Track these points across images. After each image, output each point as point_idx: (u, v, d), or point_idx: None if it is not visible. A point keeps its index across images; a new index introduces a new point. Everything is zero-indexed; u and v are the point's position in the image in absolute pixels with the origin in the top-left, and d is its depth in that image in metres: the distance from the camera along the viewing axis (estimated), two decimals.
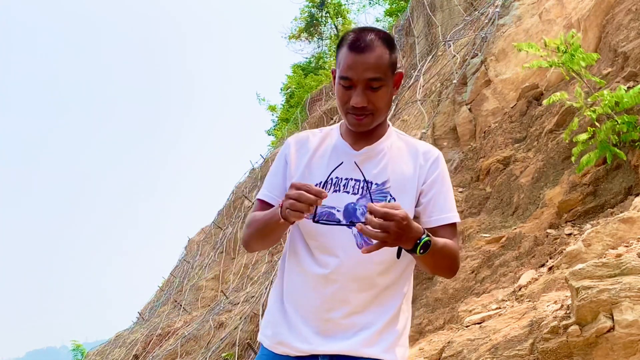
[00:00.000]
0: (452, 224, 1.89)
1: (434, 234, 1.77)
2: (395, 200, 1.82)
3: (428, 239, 1.66)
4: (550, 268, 4.18)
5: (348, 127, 1.90)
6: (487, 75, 7.87)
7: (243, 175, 19.61)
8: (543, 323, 3.39)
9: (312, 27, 27.12)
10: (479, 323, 4.08)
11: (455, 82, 8.16)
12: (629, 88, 4.71)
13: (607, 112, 4.44)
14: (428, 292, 5.30)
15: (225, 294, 12.04)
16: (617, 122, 4.43)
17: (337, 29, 27.10)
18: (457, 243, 1.88)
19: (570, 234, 4.46)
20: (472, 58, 8.47)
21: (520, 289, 4.21)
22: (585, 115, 4.71)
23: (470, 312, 4.37)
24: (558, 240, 4.48)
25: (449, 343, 3.99)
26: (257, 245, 1.93)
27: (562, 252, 4.22)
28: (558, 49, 4.78)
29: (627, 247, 3.63)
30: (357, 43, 1.79)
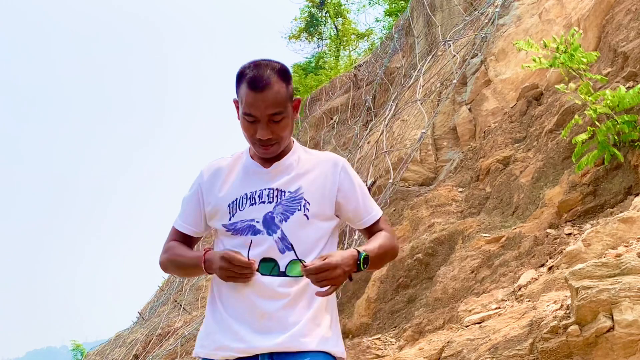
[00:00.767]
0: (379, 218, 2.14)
1: (370, 231, 2.10)
2: (310, 204, 1.99)
3: (365, 254, 1.93)
4: (550, 268, 4.18)
5: (257, 154, 2.06)
6: (487, 75, 7.86)
7: None
8: (543, 323, 3.39)
9: (312, 27, 27.11)
10: (479, 323, 4.08)
11: (455, 82, 8.16)
12: (629, 88, 4.71)
13: (607, 111, 4.44)
14: (428, 292, 5.30)
15: None
16: (617, 121, 4.43)
17: (337, 29, 27.10)
18: (388, 227, 2.14)
19: (570, 234, 4.46)
20: (472, 58, 8.47)
21: (520, 289, 4.21)
22: (585, 114, 4.71)
23: (470, 312, 4.37)
24: (558, 240, 4.48)
25: (449, 343, 3.99)
26: (175, 274, 2.22)
27: (562, 252, 4.22)
28: (557, 49, 4.78)
29: (626, 247, 3.63)
30: (255, 83, 1.93)
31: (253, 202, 2.00)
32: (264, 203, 1.99)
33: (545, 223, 4.85)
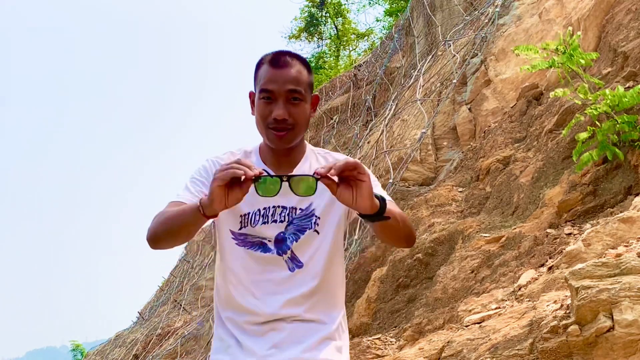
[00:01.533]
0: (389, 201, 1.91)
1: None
2: (320, 219, 1.93)
3: (380, 196, 1.74)
4: (550, 268, 4.18)
5: (268, 144, 1.93)
6: (487, 75, 7.86)
7: None
8: (543, 323, 3.39)
9: (312, 27, 27.12)
10: (479, 323, 4.08)
11: (455, 82, 8.16)
12: (629, 88, 4.71)
13: (607, 111, 4.44)
14: (428, 292, 5.30)
15: None
16: (617, 121, 4.43)
17: (337, 29, 27.11)
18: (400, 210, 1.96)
19: (570, 234, 4.46)
20: (472, 58, 8.47)
21: (520, 289, 4.21)
22: (586, 114, 4.71)
23: (470, 311, 4.37)
24: (558, 240, 4.48)
25: (449, 343, 3.99)
26: (165, 241, 1.86)
27: (561, 251, 4.22)
28: (557, 50, 4.78)
29: (626, 246, 3.63)
30: (276, 60, 1.89)
31: (265, 220, 1.93)
32: (276, 222, 1.93)
33: (545, 223, 4.85)
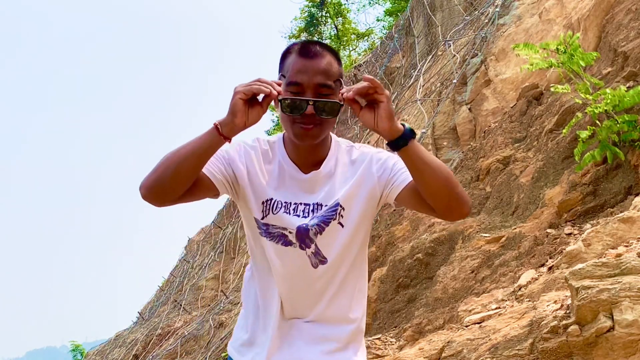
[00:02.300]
0: None
1: (408, 192, 1.78)
2: (345, 210, 1.82)
3: (409, 127, 1.68)
4: (550, 268, 4.18)
5: (293, 139, 1.80)
6: (487, 75, 7.86)
7: None
8: (543, 323, 3.39)
9: (312, 27, 27.13)
10: (479, 323, 4.08)
11: (455, 82, 8.16)
12: (629, 88, 4.71)
13: (608, 110, 4.44)
14: (428, 292, 5.30)
15: (225, 294, 12.04)
16: (617, 121, 4.43)
17: (337, 29, 27.12)
18: None
19: (570, 234, 4.46)
20: (472, 58, 8.47)
21: (520, 289, 4.21)
22: (586, 113, 4.71)
23: (470, 311, 4.37)
24: (558, 240, 4.48)
25: (449, 343, 3.99)
26: (166, 178, 1.67)
27: (562, 251, 4.22)
28: (557, 50, 4.78)
29: (627, 246, 3.63)
30: (306, 50, 1.76)
31: (287, 211, 1.83)
32: (299, 217, 1.83)
33: (545, 223, 4.85)
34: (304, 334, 1.87)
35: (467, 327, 4.14)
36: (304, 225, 1.82)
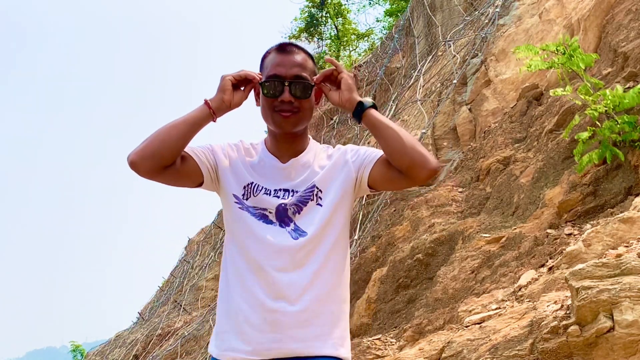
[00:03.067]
0: None
1: (379, 166, 1.96)
2: (322, 192, 1.98)
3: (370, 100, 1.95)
4: (550, 268, 4.18)
5: (273, 129, 2.01)
6: (487, 75, 7.86)
7: None
8: (543, 323, 3.39)
9: (312, 27, 27.11)
10: (479, 323, 4.08)
11: (455, 82, 8.16)
12: (629, 88, 4.71)
13: (608, 111, 4.44)
14: (428, 292, 5.30)
15: None
16: (617, 122, 4.43)
17: (337, 29, 27.11)
18: None
19: (570, 234, 4.46)
20: (472, 58, 8.47)
21: (520, 289, 4.21)
22: (586, 114, 4.71)
23: (470, 312, 4.37)
24: (558, 240, 4.48)
25: (449, 343, 3.99)
26: (155, 148, 1.86)
27: (562, 252, 4.22)
28: (556, 50, 4.78)
29: (627, 247, 3.63)
30: (283, 46, 2.01)
31: (268, 193, 1.98)
32: (279, 198, 1.97)
33: (546, 223, 4.85)
34: (289, 318, 1.89)
35: (467, 327, 4.14)
36: (283, 205, 1.96)
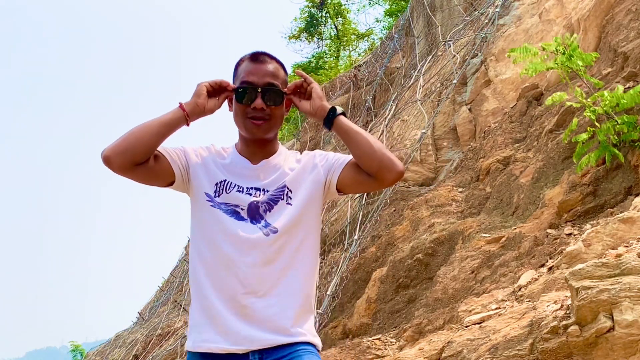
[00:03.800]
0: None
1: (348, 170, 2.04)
2: (292, 192, 2.03)
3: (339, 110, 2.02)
4: (550, 268, 4.18)
5: (245, 135, 2.06)
6: (487, 75, 7.87)
7: None
8: (543, 323, 3.39)
9: (312, 27, 27.10)
10: (479, 323, 4.08)
11: (455, 82, 8.16)
12: (629, 88, 4.71)
13: (608, 110, 4.44)
14: (428, 292, 5.30)
15: None
16: (616, 122, 4.43)
17: (337, 29, 27.10)
18: None
19: (570, 234, 4.46)
20: (472, 58, 8.47)
21: (520, 289, 4.21)
22: (585, 116, 4.71)
23: (470, 312, 4.37)
24: (558, 241, 4.48)
25: (449, 343, 3.99)
26: (133, 142, 1.93)
27: (562, 252, 4.22)
28: (556, 51, 4.78)
29: (627, 247, 3.63)
30: (256, 55, 2.06)
31: (240, 190, 2.02)
32: (250, 196, 2.02)
33: (545, 223, 4.85)
34: (260, 312, 1.92)
35: (467, 327, 4.14)
36: (255, 202, 2.00)
